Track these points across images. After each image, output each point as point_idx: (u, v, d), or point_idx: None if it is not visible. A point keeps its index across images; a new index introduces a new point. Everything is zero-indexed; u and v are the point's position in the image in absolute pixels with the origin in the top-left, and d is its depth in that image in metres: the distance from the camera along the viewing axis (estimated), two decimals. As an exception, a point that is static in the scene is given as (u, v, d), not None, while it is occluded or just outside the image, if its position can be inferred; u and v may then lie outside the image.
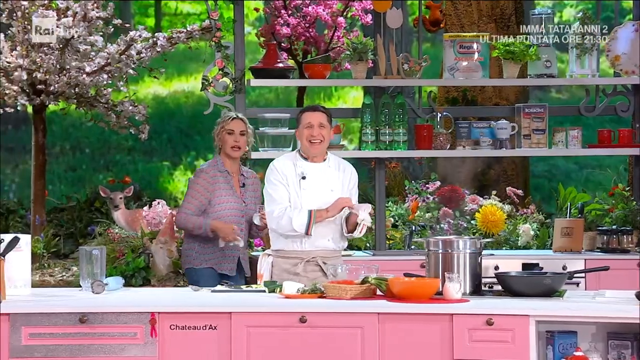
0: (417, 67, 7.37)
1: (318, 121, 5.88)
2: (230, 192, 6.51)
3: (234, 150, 6.53)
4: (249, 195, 6.60)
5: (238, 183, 6.58)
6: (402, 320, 5.04)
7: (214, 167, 6.56)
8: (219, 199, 6.48)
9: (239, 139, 6.56)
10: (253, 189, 6.63)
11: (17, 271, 5.38)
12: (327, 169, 5.95)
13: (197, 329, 5.06)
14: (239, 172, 6.62)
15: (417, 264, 6.81)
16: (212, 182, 6.49)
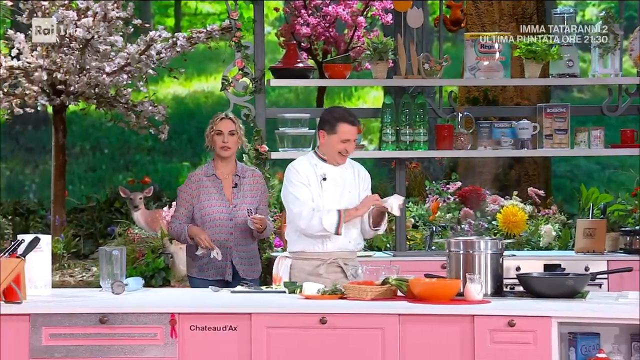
0: (438, 66, 7.36)
1: (354, 137, 5.94)
2: (216, 195, 6.38)
3: (224, 150, 6.42)
4: (244, 195, 6.43)
5: (230, 184, 6.43)
6: (423, 321, 5.03)
7: (201, 172, 6.47)
8: (204, 204, 6.36)
9: (228, 139, 6.43)
10: (251, 188, 6.47)
11: (37, 272, 5.40)
12: (345, 170, 5.98)
13: (217, 329, 5.07)
14: (232, 173, 6.46)
15: (437, 264, 6.79)
16: (197, 186, 6.40)
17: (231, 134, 6.43)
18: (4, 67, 9.36)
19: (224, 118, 6.49)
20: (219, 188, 6.40)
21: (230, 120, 6.48)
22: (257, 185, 6.49)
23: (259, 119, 7.48)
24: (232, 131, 6.44)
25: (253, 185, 6.47)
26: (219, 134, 6.42)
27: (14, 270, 5.10)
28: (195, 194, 6.39)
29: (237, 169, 6.48)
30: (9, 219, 10.72)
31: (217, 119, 6.49)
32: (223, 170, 6.44)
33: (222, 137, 6.42)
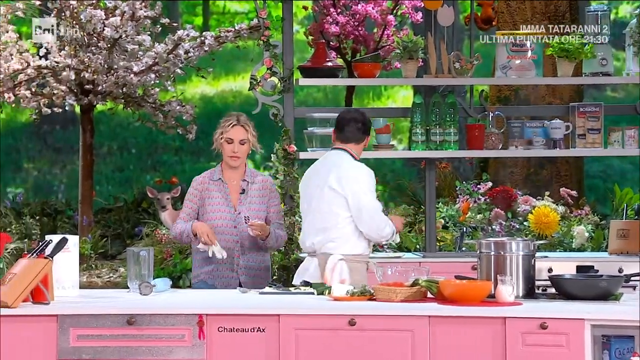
0: (469, 65, 7.33)
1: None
2: (221, 200, 6.09)
3: (232, 160, 6.11)
4: (251, 202, 6.13)
5: (237, 189, 6.14)
6: (454, 323, 5.01)
7: (207, 175, 6.19)
8: (207, 209, 6.09)
9: (238, 149, 6.10)
10: (260, 194, 6.16)
11: (65, 272, 5.43)
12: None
13: (245, 331, 5.07)
14: (241, 178, 6.16)
15: (468, 266, 6.77)
16: (201, 189, 6.13)
17: (242, 143, 6.11)
18: (32, 67, 9.42)
19: (236, 124, 6.11)
20: (224, 193, 6.11)
21: (242, 127, 6.11)
22: (266, 191, 6.17)
23: (287, 119, 7.48)
24: (243, 140, 6.11)
25: (262, 192, 6.16)
26: (229, 142, 6.10)
27: (41, 271, 5.14)
28: (200, 196, 6.13)
29: (246, 173, 6.18)
30: (37, 219, 10.79)
31: (227, 124, 6.11)
32: (231, 175, 6.15)
33: (232, 146, 6.10)
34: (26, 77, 9.45)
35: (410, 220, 8.87)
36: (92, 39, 9.41)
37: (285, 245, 7.37)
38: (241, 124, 6.11)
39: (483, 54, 7.52)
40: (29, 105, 9.62)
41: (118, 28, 9.25)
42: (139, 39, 9.38)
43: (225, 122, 6.13)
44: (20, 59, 9.42)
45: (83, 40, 9.33)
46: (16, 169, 15.78)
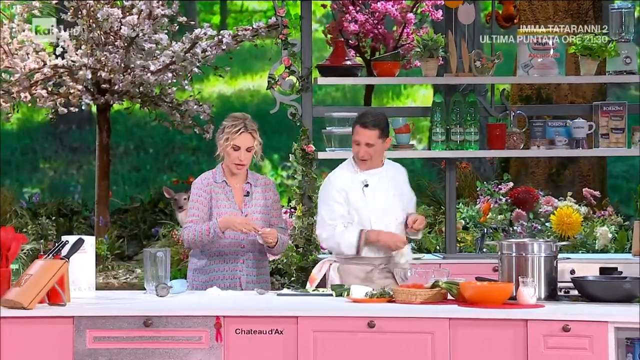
0: (490, 64, 7.31)
1: (365, 140, 5.85)
2: (227, 203, 5.95)
3: (237, 167, 5.95)
4: (255, 204, 5.99)
5: (241, 192, 6.01)
6: (474, 325, 5.00)
7: (210, 177, 6.03)
8: (214, 211, 5.92)
9: (244, 157, 5.93)
10: (264, 197, 6.02)
11: (81, 273, 5.44)
12: (386, 172, 5.97)
13: (263, 333, 5.07)
14: (243, 180, 6.02)
15: (489, 267, 6.75)
16: (209, 191, 5.96)
17: (248, 150, 5.94)
18: (49, 66, 9.45)
19: (244, 131, 5.92)
20: (229, 196, 5.98)
21: (249, 134, 5.93)
22: (269, 194, 6.04)
23: (305, 118, 7.48)
24: (250, 147, 5.93)
25: (265, 195, 6.03)
26: (235, 149, 5.92)
27: (57, 272, 5.15)
28: (208, 197, 5.95)
29: (249, 176, 6.05)
30: (53, 220, 10.83)
31: (234, 131, 5.91)
32: (233, 178, 6.01)
33: (239, 153, 5.92)
34: (42, 76, 9.50)
35: (430, 221, 8.85)
36: (109, 37, 9.44)
37: (304, 246, 7.38)
38: (249, 131, 5.94)
39: (504, 52, 7.50)
40: (45, 105, 9.66)
41: (135, 27, 9.28)
42: (156, 37, 9.41)
43: (232, 128, 5.93)
44: (37, 58, 9.46)
45: (100, 39, 9.36)
46: (32, 169, 15.85)
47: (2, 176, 14.82)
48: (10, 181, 13.64)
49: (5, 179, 14.16)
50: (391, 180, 5.95)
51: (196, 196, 5.98)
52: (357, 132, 5.88)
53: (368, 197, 5.89)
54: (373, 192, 5.89)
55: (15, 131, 15.94)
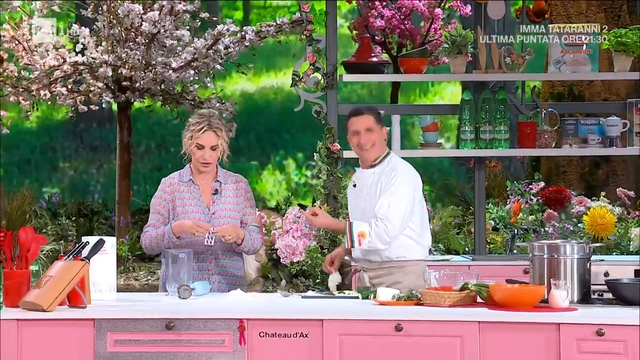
0: (520, 60, 7.29)
1: (364, 126, 5.80)
2: (193, 202, 5.89)
3: (203, 166, 5.89)
4: (225, 202, 5.93)
5: (209, 191, 5.94)
6: (505, 329, 4.98)
7: (176, 177, 5.98)
8: (178, 210, 5.88)
9: (209, 155, 5.87)
10: (234, 194, 5.96)
11: (102, 275, 5.46)
12: (373, 175, 5.84)
13: (288, 336, 5.07)
14: (212, 178, 5.96)
15: (519, 269, 6.72)
16: (171, 191, 5.92)
17: (213, 149, 5.87)
18: (68, 63, 9.49)
19: (207, 130, 5.85)
20: (196, 195, 5.92)
21: (213, 132, 5.85)
22: (240, 192, 5.97)
23: (330, 116, 7.48)
24: (215, 146, 5.87)
25: (236, 192, 5.96)
26: (199, 147, 5.87)
27: (78, 273, 5.17)
28: (169, 198, 5.92)
29: (218, 174, 5.98)
30: (73, 220, 10.88)
31: (198, 129, 5.85)
32: (202, 177, 5.96)
33: (203, 152, 5.87)
34: (62, 73, 9.54)
35: (458, 221, 8.83)
36: (130, 34, 9.47)
37: (329, 247, 7.37)
38: (213, 129, 5.86)
39: (535, 48, 7.47)
40: (65, 103, 9.70)
41: (156, 23, 9.30)
42: (178, 34, 9.43)
43: (195, 125, 5.87)
44: (57, 54, 9.50)
45: (120, 36, 9.39)
46: (52, 169, 15.93)
47: (22, 175, 14.91)
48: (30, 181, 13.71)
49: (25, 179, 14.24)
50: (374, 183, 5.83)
51: (157, 199, 5.97)
52: (353, 122, 5.82)
53: (351, 198, 5.92)
54: (358, 193, 5.88)
55: (34, 130, 16.02)
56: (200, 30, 9.71)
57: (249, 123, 15.84)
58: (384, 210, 5.69)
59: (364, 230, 5.67)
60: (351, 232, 5.68)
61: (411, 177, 5.81)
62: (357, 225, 5.69)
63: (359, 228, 5.68)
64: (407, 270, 5.83)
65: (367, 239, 5.68)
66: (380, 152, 5.84)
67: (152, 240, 5.89)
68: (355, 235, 5.68)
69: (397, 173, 5.77)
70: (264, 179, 15.74)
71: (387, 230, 5.67)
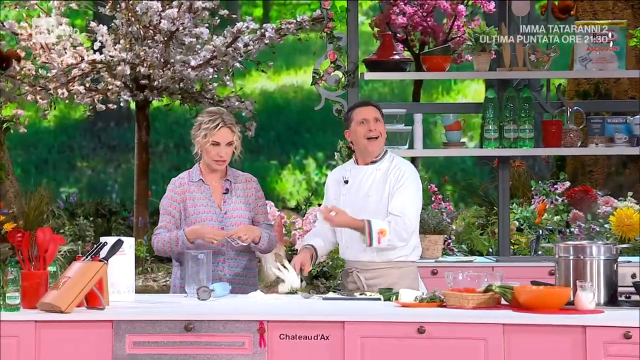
0: (545, 57, 7.27)
1: (373, 115, 5.78)
2: (204, 202, 5.90)
3: (218, 163, 5.89)
4: (236, 201, 5.92)
5: (220, 190, 5.95)
6: (530, 331, 4.96)
7: (186, 176, 5.99)
8: (190, 211, 5.89)
9: (225, 152, 5.88)
10: (245, 194, 5.96)
11: (120, 276, 5.47)
12: (375, 171, 5.83)
13: (308, 338, 5.07)
14: (222, 178, 5.97)
15: (544, 271, 6.70)
16: (182, 192, 5.92)
17: (229, 145, 5.88)
18: (86, 61, 9.52)
19: (223, 126, 5.86)
20: (207, 194, 5.92)
21: (229, 129, 5.87)
22: (250, 190, 5.98)
23: (352, 115, 7.46)
24: (230, 142, 5.87)
25: (247, 192, 5.97)
26: (215, 144, 5.86)
27: (96, 274, 5.18)
28: (180, 199, 5.92)
29: (228, 173, 5.98)
30: (91, 221, 10.92)
31: (213, 126, 5.84)
32: (212, 176, 5.96)
33: (219, 149, 5.86)
34: (80, 71, 9.57)
35: (482, 222, 8.81)
36: (148, 31, 9.49)
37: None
38: (228, 125, 5.87)
39: (560, 46, 7.44)
40: (83, 102, 9.73)
41: (175, 20, 9.32)
42: (197, 31, 9.45)
43: (210, 122, 5.86)
44: (74, 52, 9.53)
45: (139, 33, 9.41)
46: (69, 168, 15.98)
47: (39, 175, 14.97)
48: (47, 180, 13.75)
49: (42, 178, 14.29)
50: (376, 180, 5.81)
51: (167, 199, 5.96)
52: (360, 112, 5.78)
53: (342, 194, 5.86)
54: (350, 189, 5.85)
55: (52, 129, 16.08)
56: (219, 28, 9.72)
57: (268, 122, 15.84)
58: (399, 207, 5.70)
59: (384, 228, 5.66)
60: (370, 230, 5.67)
61: (417, 175, 5.85)
62: (377, 223, 5.66)
63: (379, 226, 5.66)
64: (405, 271, 5.84)
65: (386, 236, 5.67)
66: (382, 148, 5.85)
67: (165, 243, 5.88)
68: (374, 233, 5.66)
69: (405, 170, 5.78)
70: (284, 179, 15.75)
71: (405, 226, 5.69)
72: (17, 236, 5.30)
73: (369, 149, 5.79)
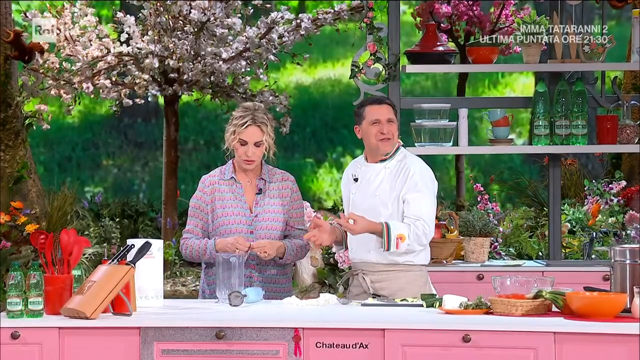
0: (600, 48, 7.23)
1: (386, 116, 5.80)
2: (234, 202, 5.88)
3: (246, 163, 5.85)
4: (269, 203, 5.89)
5: (253, 190, 5.92)
6: (583, 341, 4.95)
7: (217, 174, 5.97)
8: (218, 212, 5.88)
9: (253, 152, 5.83)
10: (280, 194, 5.94)
11: (148, 280, 5.50)
12: (383, 170, 5.85)
13: (347, 347, 5.08)
14: (257, 176, 5.94)
15: (598, 276, 6.68)
16: (211, 191, 5.92)
17: (257, 145, 5.83)
18: (113, 54, 9.58)
19: (250, 124, 5.82)
20: (238, 194, 5.90)
21: (257, 127, 5.82)
22: (286, 191, 5.94)
23: (392, 110, 7.46)
24: (259, 142, 5.82)
25: (282, 192, 5.93)
26: (243, 143, 5.82)
27: (122, 278, 5.21)
28: (209, 200, 5.92)
29: (263, 172, 5.95)
30: (117, 222, 10.99)
31: (241, 123, 5.82)
32: (245, 174, 5.93)
33: (246, 148, 5.83)
34: (106, 65, 9.63)
35: (531, 224, 8.78)
36: (178, 22, 9.53)
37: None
38: (257, 124, 5.82)
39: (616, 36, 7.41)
40: (109, 96, 9.79)
41: (206, 10, 9.36)
42: (229, 22, 9.48)
43: (239, 120, 5.84)
44: (100, 44, 9.59)
45: (168, 24, 9.46)
46: (94, 167, 16.10)
47: (63, 174, 15.09)
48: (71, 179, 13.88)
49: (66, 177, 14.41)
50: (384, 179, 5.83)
51: (195, 200, 5.97)
52: (373, 111, 5.80)
53: (352, 192, 5.91)
54: (360, 187, 5.89)
55: (76, 125, 16.21)
56: (252, 18, 9.75)
57: (304, 118, 15.88)
58: (417, 211, 5.72)
59: (402, 233, 5.68)
60: (389, 235, 5.68)
61: (430, 173, 5.86)
62: (395, 227, 5.69)
63: (398, 230, 5.68)
64: (412, 275, 5.85)
65: (405, 241, 5.69)
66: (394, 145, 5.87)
67: (193, 251, 5.92)
68: (393, 238, 5.68)
69: (415, 171, 5.79)
70: (320, 178, 15.77)
71: (425, 231, 5.72)
72: (40, 238, 5.34)
73: (380, 149, 5.83)
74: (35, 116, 9.68)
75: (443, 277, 7.07)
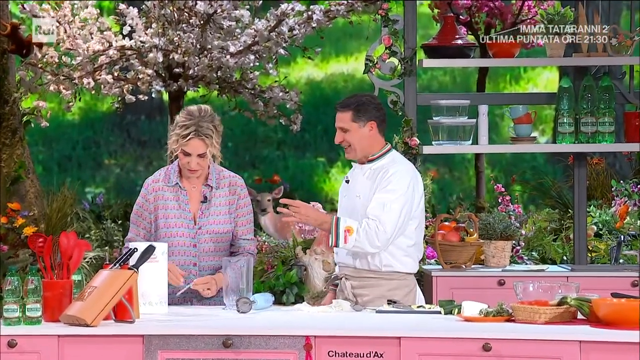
0: (629, 42, 7.23)
1: (338, 124, 5.92)
2: (178, 212, 5.79)
3: (190, 172, 5.76)
4: (214, 213, 5.81)
5: (198, 197, 5.83)
6: (610, 350, 4.95)
7: (161, 178, 5.85)
8: (160, 223, 5.79)
9: (196, 163, 5.72)
10: (227, 202, 5.85)
11: (152, 285, 5.51)
12: (368, 171, 5.91)
13: (360, 356, 5.09)
14: (203, 182, 5.83)
15: (627, 281, 6.68)
16: (154, 199, 5.80)
17: (201, 156, 5.72)
18: (115, 47, 9.59)
19: (194, 137, 5.68)
20: (182, 202, 5.81)
21: (201, 141, 5.69)
22: (233, 198, 5.85)
23: (408, 107, 7.47)
24: (203, 154, 5.71)
25: (230, 198, 5.84)
26: (185, 154, 5.73)
27: (125, 284, 5.22)
28: (152, 209, 5.83)
29: (210, 177, 5.83)
30: (119, 224, 11.00)
31: (183, 134, 5.68)
32: (190, 180, 5.83)
33: (190, 159, 5.73)
34: (108, 59, 9.63)
35: (555, 226, 8.77)
36: (183, 14, 9.53)
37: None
38: (200, 137, 5.69)
39: (644, 28, 7.41)
40: (111, 92, 9.80)
41: (212, 2, 9.36)
42: (237, 14, 9.47)
43: (182, 130, 5.70)
44: (102, 38, 9.60)
45: (172, 17, 9.47)
46: (96, 166, 16.12)
47: (62, 174, 15.12)
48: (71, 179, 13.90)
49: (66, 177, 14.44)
50: (365, 180, 5.88)
51: (137, 207, 5.88)
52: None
53: (342, 195, 6.01)
54: (348, 189, 5.97)
55: (76, 122, 16.23)
56: (261, 10, 9.75)
57: (315, 115, 15.86)
58: (377, 211, 5.74)
59: (351, 226, 5.70)
60: (337, 228, 5.70)
61: (411, 178, 5.83)
62: (345, 221, 5.73)
63: (346, 223, 5.72)
64: (397, 283, 5.88)
65: (353, 235, 5.71)
66: (369, 151, 5.87)
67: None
68: (341, 230, 5.71)
69: (395, 171, 5.81)
70: (332, 178, 15.76)
71: (378, 232, 5.72)
72: (39, 241, 5.35)
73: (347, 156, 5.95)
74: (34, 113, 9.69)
75: (462, 282, 7.08)
